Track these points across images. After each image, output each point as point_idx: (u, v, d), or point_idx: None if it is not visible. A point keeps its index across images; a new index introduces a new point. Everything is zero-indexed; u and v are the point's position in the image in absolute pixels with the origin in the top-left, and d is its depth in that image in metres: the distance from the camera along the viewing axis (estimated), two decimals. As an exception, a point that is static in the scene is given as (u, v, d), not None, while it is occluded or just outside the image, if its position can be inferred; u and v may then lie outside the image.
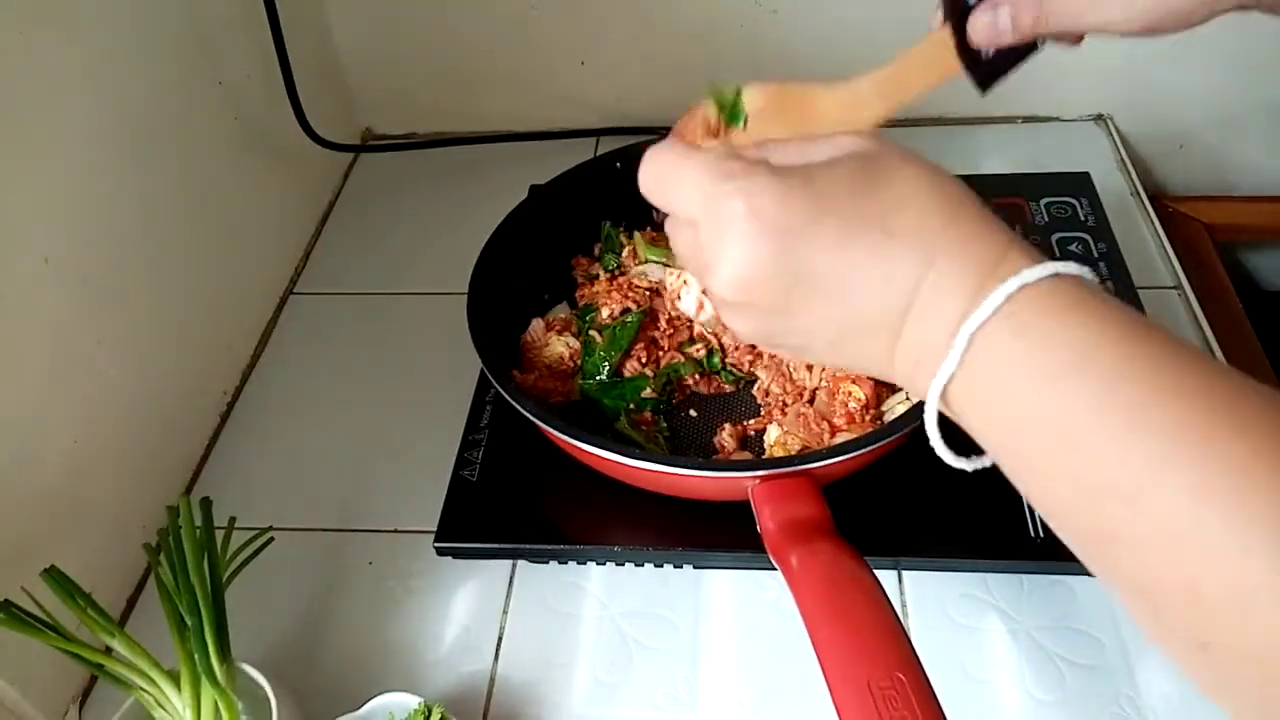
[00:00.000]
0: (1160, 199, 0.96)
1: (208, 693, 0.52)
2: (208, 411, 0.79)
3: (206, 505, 0.57)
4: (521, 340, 0.72)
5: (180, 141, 0.75)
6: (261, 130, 0.88)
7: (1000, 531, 0.60)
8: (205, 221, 0.79)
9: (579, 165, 0.77)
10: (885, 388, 0.66)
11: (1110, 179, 0.92)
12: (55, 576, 0.53)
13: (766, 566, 0.52)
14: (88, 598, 0.53)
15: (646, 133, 0.98)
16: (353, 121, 1.08)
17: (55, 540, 0.61)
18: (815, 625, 0.46)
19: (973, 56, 0.41)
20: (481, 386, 0.71)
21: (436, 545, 0.62)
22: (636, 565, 0.65)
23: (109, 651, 0.54)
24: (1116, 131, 0.97)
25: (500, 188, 0.78)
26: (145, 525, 0.67)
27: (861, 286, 0.33)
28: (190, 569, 0.53)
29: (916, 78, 0.43)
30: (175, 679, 0.53)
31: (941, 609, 0.62)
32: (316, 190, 1.00)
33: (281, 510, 0.71)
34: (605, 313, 0.72)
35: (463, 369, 0.70)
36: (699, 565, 0.65)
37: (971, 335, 0.31)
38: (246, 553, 0.58)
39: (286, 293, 0.91)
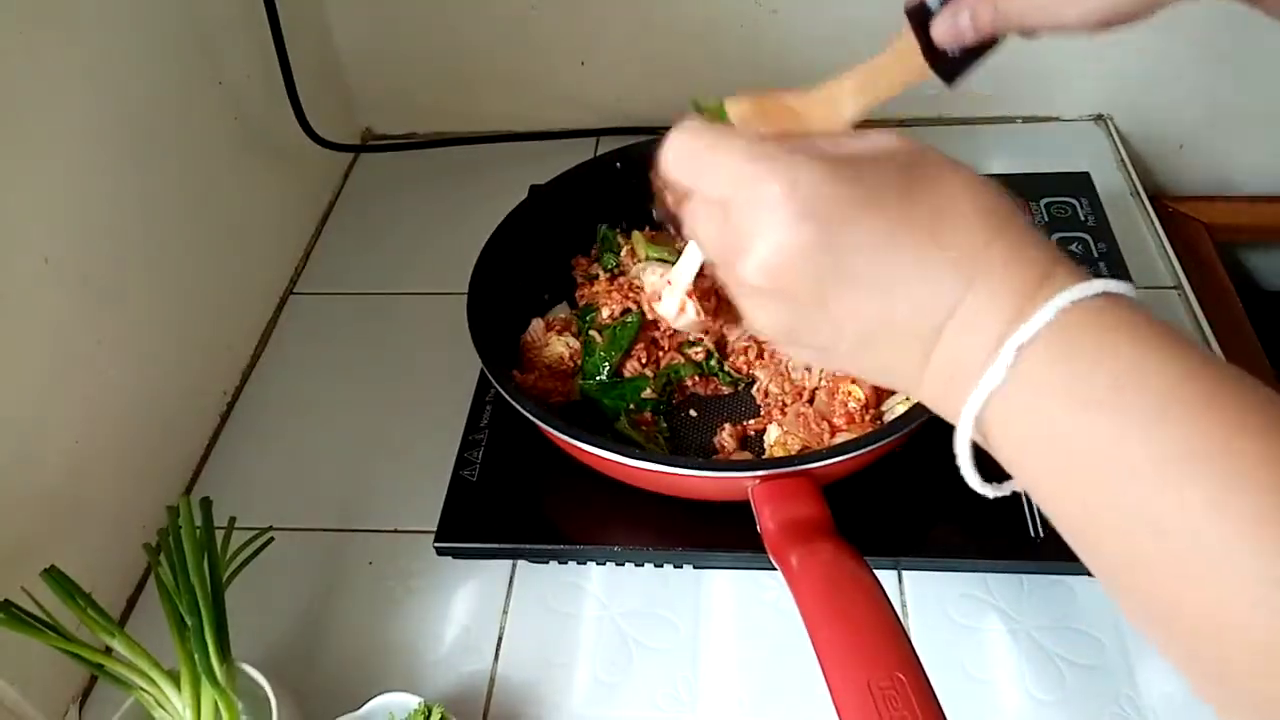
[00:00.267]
0: (1160, 199, 0.96)
1: (208, 693, 0.52)
2: (208, 411, 0.79)
3: (206, 505, 0.57)
4: (521, 340, 0.72)
5: (180, 141, 0.76)
6: (261, 130, 0.88)
7: (1000, 531, 0.60)
8: (205, 221, 0.79)
9: (579, 165, 0.77)
10: (886, 389, 0.66)
11: (1110, 179, 0.91)
12: (55, 576, 0.53)
13: (766, 566, 0.52)
14: (88, 598, 0.53)
15: (646, 133, 0.98)
16: (353, 121, 1.08)
17: (55, 540, 0.61)
18: (815, 625, 0.46)
19: (938, 55, 0.43)
20: (481, 386, 0.71)
21: (436, 545, 0.62)
22: (636, 565, 0.65)
23: (109, 651, 0.54)
24: (1116, 131, 0.97)
25: (500, 188, 0.78)
26: (145, 525, 0.67)
27: (901, 291, 0.32)
28: (190, 569, 0.54)
29: (888, 78, 0.45)
30: (175, 679, 0.53)
31: (941, 609, 0.62)
32: (316, 190, 1.00)
33: (281, 510, 0.71)
34: (605, 313, 0.72)
35: (463, 369, 0.71)
36: (699, 565, 0.65)
37: (1017, 351, 0.29)
38: (246, 553, 0.58)
39: (286, 293, 0.91)
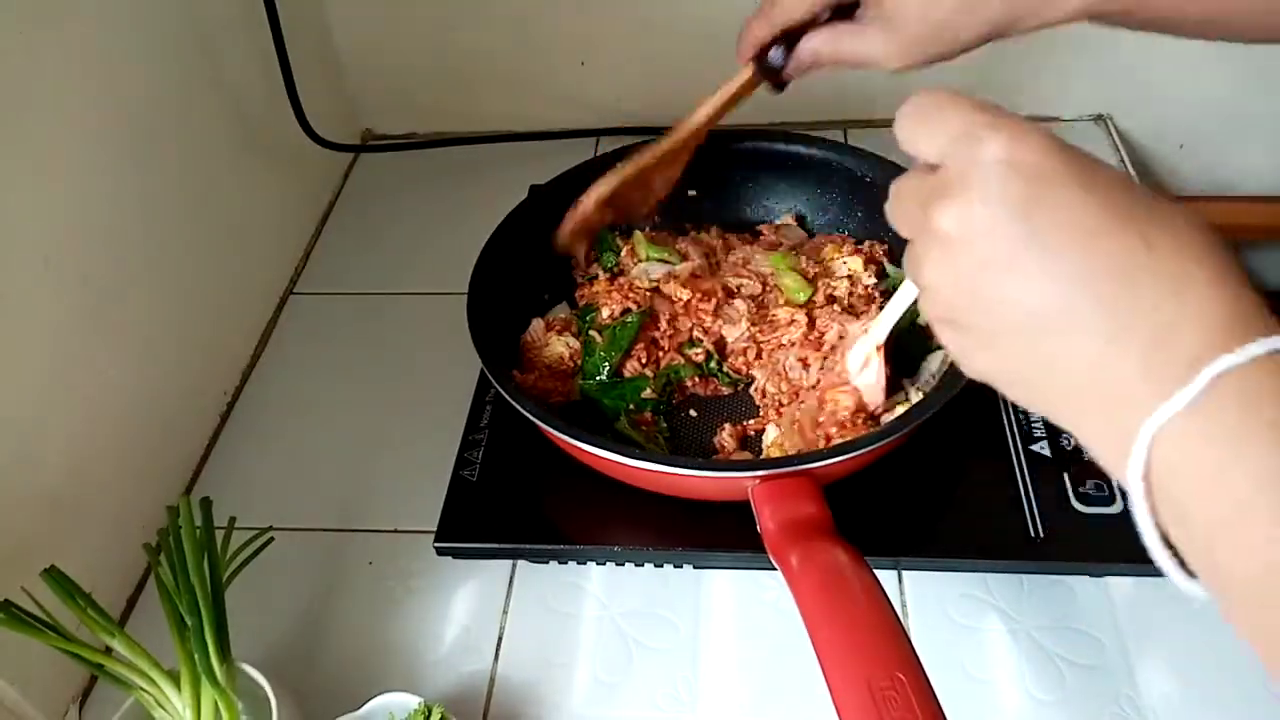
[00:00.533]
0: (1160, 199, 0.96)
1: (208, 693, 0.52)
2: (208, 411, 0.79)
3: (206, 505, 0.57)
4: (521, 340, 0.72)
5: (180, 141, 0.76)
6: (261, 130, 0.88)
7: (1000, 531, 0.60)
8: (205, 221, 0.79)
9: (579, 165, 0.77)
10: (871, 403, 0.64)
11: (1110, 179, 0.91)
12: (55, 576, 0.53)
13: (766, 566, 0.52)
14: (88, 598, 0.53)
15: (646, 133, 0.97)
16: (353, 121, 1.08)
17: (55, 540, 0.61)
18: (815, 625, 0.46)
19: (772, 78, 0.61)
20: (481, 386, 0.71)
21: (436, 545, 0.62)
22: (636, 565, 0.65)
23: (109, 651, 0.54)
24: (1116, 131, 0.97)
25: (500, 188, 0.78)
26: (145, 525, 0.67)
27: (1101, 283, 0.30)
28: (190, 569, 0.53)
29: (727, 97, 0.64)
30: (175, 679, 0.53)
31: (941, 609, 0.62)
32: (316, 190, 1.00)
33: (281, 510, 0.71)
34: (605, 313, 0.72)
35: (463, 369, 0.70)
36: (699, 565, 0.65)
37: (1217, 376, 0.27)
38: (246, 553, 0.58)
39: (286, 293, 0.91)
